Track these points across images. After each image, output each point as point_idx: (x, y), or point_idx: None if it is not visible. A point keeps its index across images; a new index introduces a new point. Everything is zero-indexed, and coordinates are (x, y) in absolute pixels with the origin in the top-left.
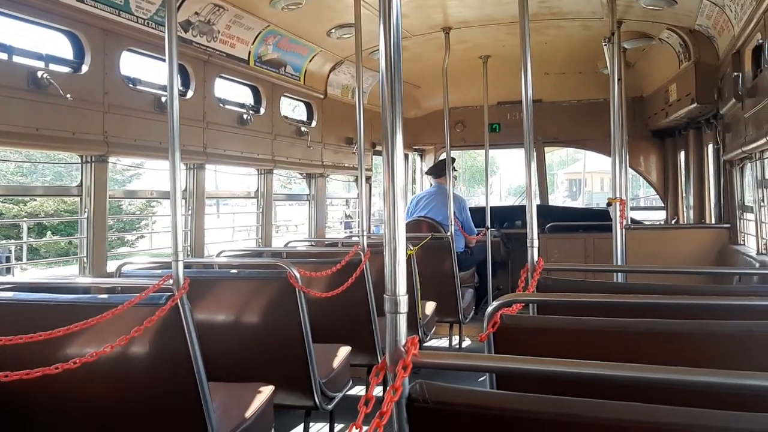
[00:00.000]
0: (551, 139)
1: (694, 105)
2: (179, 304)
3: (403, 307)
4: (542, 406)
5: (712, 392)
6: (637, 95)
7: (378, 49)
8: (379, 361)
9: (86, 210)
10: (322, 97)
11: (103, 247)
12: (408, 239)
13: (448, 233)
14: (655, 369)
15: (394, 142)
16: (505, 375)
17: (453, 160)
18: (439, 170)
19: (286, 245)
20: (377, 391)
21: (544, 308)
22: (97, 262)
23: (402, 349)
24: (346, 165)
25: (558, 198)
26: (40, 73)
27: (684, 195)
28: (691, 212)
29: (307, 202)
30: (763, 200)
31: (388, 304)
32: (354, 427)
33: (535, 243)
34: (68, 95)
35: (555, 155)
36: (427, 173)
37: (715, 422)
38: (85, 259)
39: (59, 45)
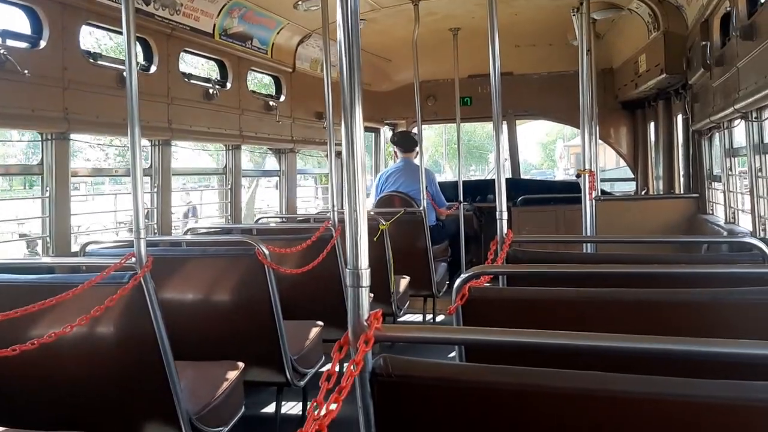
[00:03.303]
0: (522, 112)
1: (663, 75)
2: (142, 282)
3: (365, 280)
4: (506, 377)
5: (678, 360)
6: (607, 67)
7: None
8: None
9: (48, 189)
10: (290, 71)
11: (67, 226)
12: (380, 214)
13: (421, 207)
14: (622, 338)
15: (354, 114)
16: (474, 348)
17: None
18: (406, 144)
19: (256, 221)
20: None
21: (514, 281)
22: (59, 242)
23: (364, 323)
24: (317, 140)
25: (560, 174)
26: None
27: (653, 166)
28: (661, 183)
29: (277, 178)
30: (731, 169)
31: (349, 278)
32: (315, 402)
33: (504, 216)
34: (26, 71)
35: (555, 125)
36: (392, 142)
37: (679, 390)
38: (48, 239)
39: (16, 20)
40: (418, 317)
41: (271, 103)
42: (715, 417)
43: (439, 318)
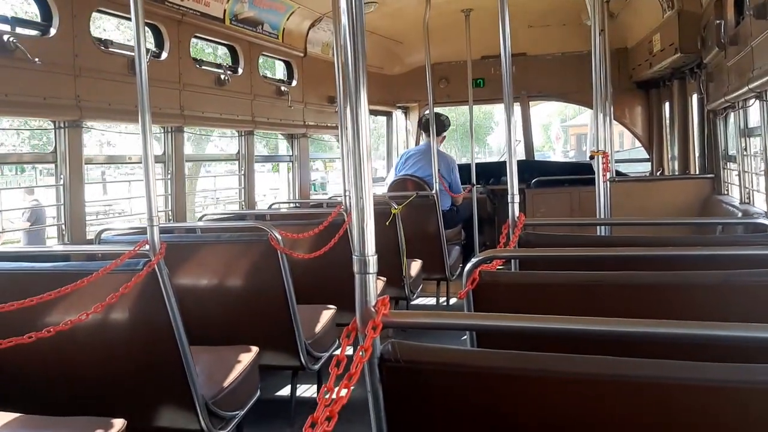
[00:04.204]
0: (536, 93)
1: (678, 55)
2: (156, 269)
3: (372, 267)
4: (515, 363)
5: (693, 344)
6: (621, 46)
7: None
8: None
9: (62, 176)
10: (301, 55)
11: (82, 214)
12: (393, 198)
13: (433, 191)
14: (635, 323)
15: (359, 99)
16: (484, 333)
17: (447, 120)
18: (429, 126)
19: (269, 207)
20: (352, 352)
21: (525, 264)
22: (75, 229)
23: (372, 309)
24: (329, 125)
25: (557, 157)
26: (6, 37)
27: (668, 146)
28: (676, 163)
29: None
30: (746, 149)
31: (356, 265)
32: (326, 389)
33: (516, 199)
34: (36, 59)
35: (551, 105)
36: (419, 127)
37: (693, 374)
38: (63, 227)
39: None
40: (431, 300)
41: (282, 88)
42: (734, 401)
43: (453, 301)
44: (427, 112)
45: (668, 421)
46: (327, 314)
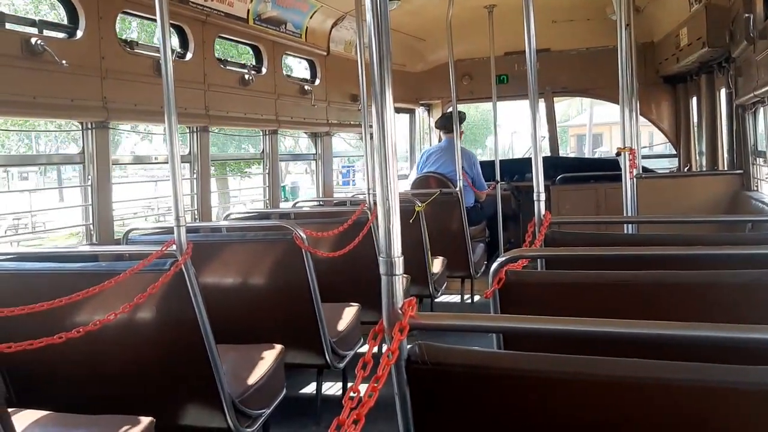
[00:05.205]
0: (560, 89)
1: (706, 49)
2: (183, 269)
3: (399, 268)
4: (542, 365)
5: (724, 346)
6: (647, 41)
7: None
8: None
9: (89, 177)
10: (324, 54)
11: (109, 214)
12: (416, 195)
13: (457, 188)
14: (665, 325)
15: (384, 98)
16: (511, 333)
17: (463, 114)
18: (448, 124)
19: (293, 206)
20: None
21: (552, 263)
22: (102, 229)
23: (399, 311)
24: (352, 123)
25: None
26: (34, 40)
27: (696, 142)
28: (704, 159)
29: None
30: None
31: (383, 266)
32: (352, 391)
33: (542, 196)
34: (64, 61)
35: (564, 106)
36: (436, 126)
37: (727, 377)
38: (91, 227)
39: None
40: (455, 298)
41: (306, 87)
42: None
43: (477, 298)
44: (450, 110)
45: (712, 426)
46: (351, 312)
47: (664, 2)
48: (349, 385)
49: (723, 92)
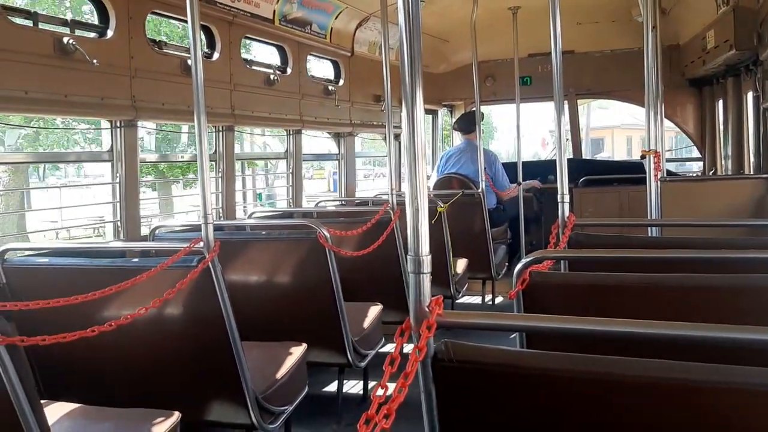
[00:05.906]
0: (584, 91)
1: (733, 52)
2: (210, 266)
3: (426, 267)
4: (567, 364)
5: (747, 349)
6: (673, 43)
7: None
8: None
9: (118, 175)
10: (349, 55)
11: (137, 211)
12: (438, 196)
13: (479, 189)
14: (689, 326)
15: (415, 99)
16: (535, 333)
17: (481, 114)
18: (467, 125)
19: (316, 205)
20: (406, 349)
21: (575, 265)
22: (130, 226)
23: (426, 309)
24: (375, 123)
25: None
26: (65, 39)
27: (722, 145)
28: (729, 162)
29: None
30: None
31: (411, 265)
32: (380, 387)
33: (566, 198)
34: (94, 60)
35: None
36: (454, 128)
37: (750, 378)
38: (119, 224)
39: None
40: (476, 299)
41: (330, 87)
42: None
43: (498, 300)
44: (470, 110)
45: (737, 428)
46: (373, 312)
47: (690, 4)
48: (371, 383)
49: (750, 95)
